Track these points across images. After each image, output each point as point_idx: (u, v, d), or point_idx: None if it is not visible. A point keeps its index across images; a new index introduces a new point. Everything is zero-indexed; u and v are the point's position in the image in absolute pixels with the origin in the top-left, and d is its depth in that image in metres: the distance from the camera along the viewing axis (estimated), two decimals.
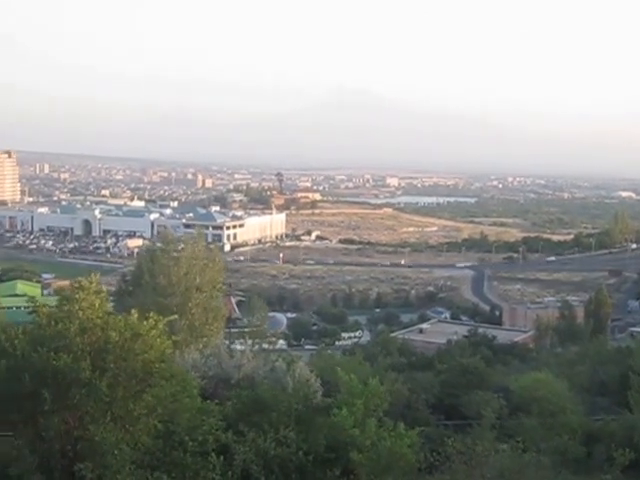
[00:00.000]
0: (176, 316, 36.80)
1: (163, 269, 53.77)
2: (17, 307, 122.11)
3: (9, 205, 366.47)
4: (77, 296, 22.95)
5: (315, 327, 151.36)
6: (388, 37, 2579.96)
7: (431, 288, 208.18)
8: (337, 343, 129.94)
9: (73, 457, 22.18)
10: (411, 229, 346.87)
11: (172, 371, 23.55)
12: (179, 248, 56.37)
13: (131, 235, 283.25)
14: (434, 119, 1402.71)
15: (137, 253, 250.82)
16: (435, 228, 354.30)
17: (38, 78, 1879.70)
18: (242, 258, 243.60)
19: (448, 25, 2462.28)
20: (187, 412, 23.52)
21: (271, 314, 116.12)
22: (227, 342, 50.87)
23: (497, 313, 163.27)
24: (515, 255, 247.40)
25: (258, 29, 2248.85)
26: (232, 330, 67.09)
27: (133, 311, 23.55)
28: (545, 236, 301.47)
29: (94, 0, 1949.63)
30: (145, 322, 22.77)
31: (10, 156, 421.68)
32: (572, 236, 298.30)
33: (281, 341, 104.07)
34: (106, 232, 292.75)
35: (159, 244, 59.43)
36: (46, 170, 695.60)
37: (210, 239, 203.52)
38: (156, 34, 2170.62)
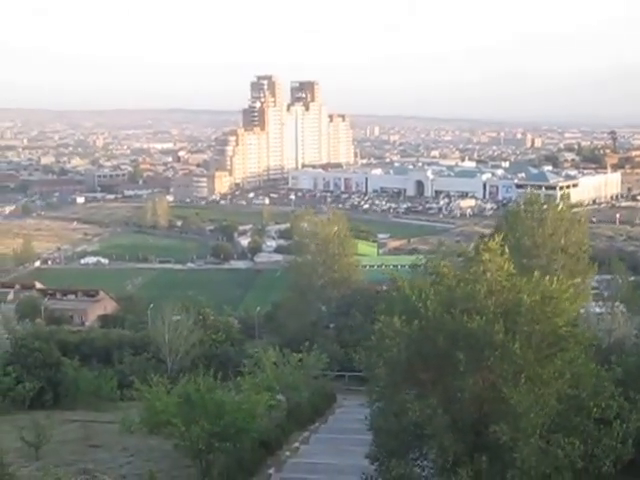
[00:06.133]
0: (578, 280, 36.21)
1: (527, 230, 53.01)
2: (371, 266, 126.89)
3: (344, 167, 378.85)
4: (483, 258, 22.92)
5: None
6: None
7: None
8: None
9: (481, 418, 22.33)
10: None
11: (584, 335, 23.11)
12: (543, 208, 55.41)
13: (463, 195, 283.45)
14: None
15: (470, 214, 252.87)
16: None
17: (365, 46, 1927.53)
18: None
19: None
20: (592, 377, 22.97)
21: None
22: None
23: None
24: None
25: None
26: None
27: (537, 273, 23.23)
28: None
29: None
30: (555, 285, 22.42)
31: (344, 119, 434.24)
32: None
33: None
34: (438, 193, 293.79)
35: (522, 205, 58.63)
36: (376, 132, 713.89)
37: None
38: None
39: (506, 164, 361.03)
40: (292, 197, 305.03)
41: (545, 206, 55.93)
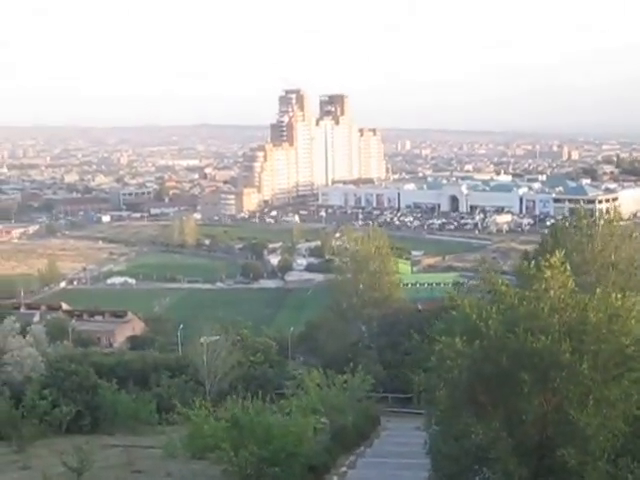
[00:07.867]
0: None
1: (576, 246, 51.90)
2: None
3: (375, 183, 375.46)
4: (546, 275, 21.97)
5: None
6: None
7: None
8: None
9: (544, 441, 21.35)
10: None
11: None
12: (593, 223, 54.41)
13: (499, 211, 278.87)
14: None
15: (506, 230, 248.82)
16: None
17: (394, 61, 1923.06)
18: None
19: None
20: None
21: None
22: None
23: None
24: None
25: None
26: None
27: (599, 290, 22.23)
28: None
29: None
30: (620, 302, 21.43)
31: (375, 134, 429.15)
32: None
33: None
34: (473, 208, 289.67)
35: (570, 220, 57.51)
36: (407, 147, 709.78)
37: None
38: None
39: (543, 177, 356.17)
40: (322, 214, 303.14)
41: (596, 220, 55.08)
